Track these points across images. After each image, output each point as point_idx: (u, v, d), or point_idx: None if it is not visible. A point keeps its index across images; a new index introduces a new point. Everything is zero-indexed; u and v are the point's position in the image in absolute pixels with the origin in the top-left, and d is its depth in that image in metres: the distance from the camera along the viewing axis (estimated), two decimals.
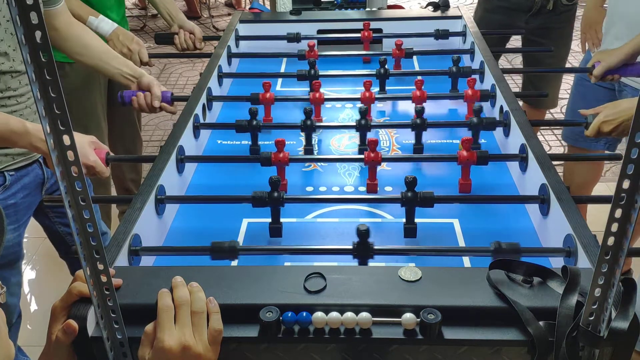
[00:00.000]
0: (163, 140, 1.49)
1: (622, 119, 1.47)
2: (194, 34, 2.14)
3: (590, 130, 1.52)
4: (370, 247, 1.05)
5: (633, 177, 0.67)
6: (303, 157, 1.48)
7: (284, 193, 1.18)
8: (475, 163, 1.31)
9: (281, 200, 1.18)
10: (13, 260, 1.52)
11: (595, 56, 1.85)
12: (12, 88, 1.40)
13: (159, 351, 0.79)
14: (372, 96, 1.60)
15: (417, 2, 5.60)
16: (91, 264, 0.74)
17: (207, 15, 5.62)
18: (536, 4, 2.33)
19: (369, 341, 0.83)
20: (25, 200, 1.51)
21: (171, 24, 2.17)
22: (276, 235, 1.20)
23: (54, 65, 0.62)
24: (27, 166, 1.50)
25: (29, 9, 0.59)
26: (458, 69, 1.74)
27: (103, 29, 1.91)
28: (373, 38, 2.04)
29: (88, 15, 1.89)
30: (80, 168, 0.67)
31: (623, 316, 0.77)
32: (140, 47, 1.95)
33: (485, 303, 0.84)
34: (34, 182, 1.53)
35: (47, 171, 1.57)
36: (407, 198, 1.17)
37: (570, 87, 3.93)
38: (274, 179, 1.18)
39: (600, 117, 1.50)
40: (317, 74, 1.75)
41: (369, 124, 1.46)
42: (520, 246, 1.04)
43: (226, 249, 1.06)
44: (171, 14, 2.16)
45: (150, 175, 1.23)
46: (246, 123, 1.48)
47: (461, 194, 1.33)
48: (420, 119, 1.46)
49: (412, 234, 1.18)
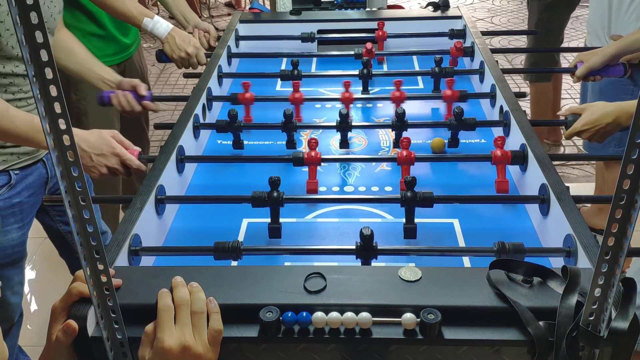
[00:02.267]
0: (163, 140, 1.49)
1: (600, 126, 1.47)
2: (209, 33, 2.13)
3: (568, 135, 1.52)
4: (375, 249, 1.05)
5: (633, 177, 0.67)
6: (336, 156, 1.48)
7: (284, 193, 1.18)
8: (510, 162, 1.31)
9: (281, 200, 1.17)
10: (17, 259, 1.53)
11: (577, 56, 1.86)
12: (24, 90, 1.41)
13: (159, 351, 0.79)
14: (352, 96, 1.61)
15: (417, 2, 5.60)
16: (91, 264, 0.74)
17: (207, 15, 5.62)
18: None
19: (369, 341, 0.83)
20: (30, 200, 1.51)
21: (185, 25, 2.16)
22: (275, 236, 1.19)
23: (54, 65, 0.62)
24: (32, 165, 1.50)
25: (29, 9, 0.59)
26: (440, 70, 1.75)
27: (158, 30, 1.89)
28: (371, 38, 2.05)
29: (143, 16, 1.85)
30: (80, 168, 0.67)
31: (623, 316, 0.77)
32: (198, 49, 1.94)
33: (485, 303, 0.84)
34: (38, 181, 1.53)
35: (50, 170, 1.57)
36: (407, 198, 1.16)
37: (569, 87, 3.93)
38: (273, 178, 1.18)
39: (577, 125, 1.49)
40: (300, 74, 1.77)
41: (350, 124, 1.47)
42: (524, 246, 1.04)
43: (228, 249, 1.06)
44: (185, 15, 2.15)
45: (150, 175, 1.23)
46: (226, 123, 1.48)
47: (499, 193, 1.31)
48: (400, 120, 1.46)
49: (412, 234, 1.18)
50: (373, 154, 1.52)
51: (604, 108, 1.48)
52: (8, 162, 1.43)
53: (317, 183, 1.34)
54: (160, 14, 5.74)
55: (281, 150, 1.52)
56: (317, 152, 1.33)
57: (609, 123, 1.46)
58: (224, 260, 1.12)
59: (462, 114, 1.45)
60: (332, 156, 1.48)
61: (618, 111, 1.47)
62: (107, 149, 1.32)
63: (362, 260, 1.07)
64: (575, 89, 3.93)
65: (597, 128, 1.47)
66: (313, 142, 1.35)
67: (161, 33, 1.90)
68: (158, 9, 5.46)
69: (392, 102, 1.61)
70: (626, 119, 1.46)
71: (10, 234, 1.47)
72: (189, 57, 1.92)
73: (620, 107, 1.48)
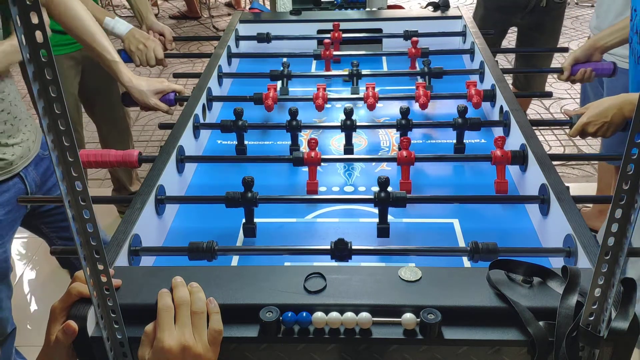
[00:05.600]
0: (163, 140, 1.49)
1: (606, 119, 1.47)
2: (164, 35, 2.16)
3: (574, 131, 1.52)
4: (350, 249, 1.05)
5: (633, 177, 0.67)
6: (336, 157, 1.47)
7: (257, 193, 1.18)
8: (510, 163, 1.31)
9: (254, 200, 1.18)
10: (1, 275, 1.51)
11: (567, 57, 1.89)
12: None
13: (159, 351, 0.78)
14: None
15: (417, 2, 5.60)
16: (91, 264, 0.74)
17: (207, 15, 5.62)
18: (531, 1, 2.46)
19: (369, 341, 0.83)
20: (7, 217, 1.49)
21: (140, 24, 2.19)
22: (250, 235, 1.20)
23: (54, 65, 0.62)
24: (7, 181, 1.47)
25: (29, 9, 0.59)
26: (429, 70, 1.75)
27: (119, 29, 1.93)
28: (372, 38, 2.05)
29: (104, 15, 1.91)
30: (80, 168, 0.67)
31: (623, 316, 0.77)
32: (156, 44, 1.96)
33: (485, 303, 0.84)
34: (15, 197, 1.49)
35: (29, 184, 1.54)
36: (380, 198, 1.16)
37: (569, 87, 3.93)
38: (247, 179, 1.18)
39: (583, 119, 1.50)
40: (290, 74, 1.77)
41: (355, 125, 1.47)
42: (497, 246, 1.04)
43: (203, 249, 1.06)
44: (142, 15, 2.18)
45: (150, 176, 1.23)
46: (231, 123, 1.48)
47: (498, 194, 1.31)
48: (405, 119, 1.46)
49: (385, 233, 1.17)
50: (373, 154, 1.52)
51: (608, 100, 1.50)
52: None
53: (317, 184, 1.34)
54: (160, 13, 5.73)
55: (283, 150, 1.52)
56: (317, 152, 1.33)
57: (614, 114, 1.46)
58: (224, 260, 1.13)
59: (466, 112, 1.46)
60: (332, 156, 1.47)
61: (622, 102, 1.47)
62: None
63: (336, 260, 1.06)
64: (576, 89, 3.93)
65: (602, 121, 1.48)
66: (313, 142, 1.35)
67: (122, 31, 1.93)
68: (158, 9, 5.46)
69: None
70: (630, 109, 1.46)
71: None
72: (146, 50, 1.93)
73: (624, 98, 1.48)
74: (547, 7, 2.58)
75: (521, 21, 2.68)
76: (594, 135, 1.51)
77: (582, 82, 1.87)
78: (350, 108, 1.47)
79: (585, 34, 5.09)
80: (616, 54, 1.99)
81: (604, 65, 1.83)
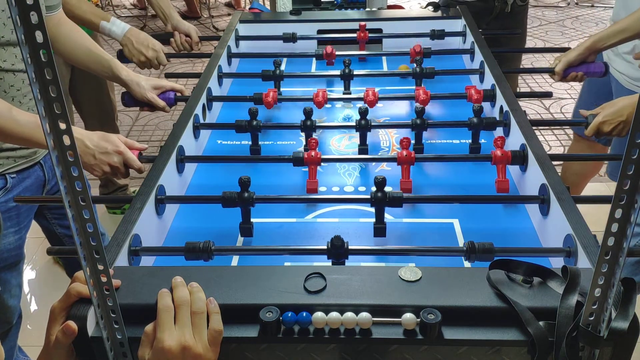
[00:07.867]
0: (163, 140, 1.49)
1: (621, 118, 1.48)
2: (190, 37, 2.12)
3: (590, 130, 1.52)
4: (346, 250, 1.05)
5: (633, 177, 0.67)
6: (336, 157, 1.47)
7: (254, 193, 1.18)
8: (510, 162, 1.31)
9: (251, 200, 1.18)
10: (14, 262, 1.52)
11: (557, 57, 1.88)
12: (16, 87, 1.40)
13: (159, 351, 0.79)
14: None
15: (417, 2, 5.61)
16: (91, 264, 0.74)
17: (207, 15, 5.62)
18: (496, 7, 2.43)
19: (369, 341, 0.83)
20: (26, 204, 1.51)
21: (165, 24, 2.16)
22: (247, 234, 1.20)
23: (54, 65, 0.62)
24: (29, 168, 1.50)
25: (29, 9, 0.59)
26: (421, 70, 1.75)
27: (115, 32, 1.88)
28: (371, 38, 2.05)
29: (99, 19, 1.86)
30: (80, 168, 0.67)
31: (623, 316, 0.77)
32: (157, 52, 1.91)
33: (485, 303, 0.84)
34: (35, 184, 1.52)
35: (48, 172, 1.56)
36: (377, 198, 1.16)
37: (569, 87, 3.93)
38: (243, 179, 1.18)
39: (599, 118, 1.50)
40: (282, 74, 1.77)
41: (370, 125, 1.46)
42: (493, 246, 1.03)
43: (199, 249, 1.06)
44: (165, 14, 2.14)
45: (150, 176, 1.23)
46: (246, 123, 1.48)
47: (499, 193, 1.31)
48: (420, 119, 1.46)
49: (382, 233, 1.18)
50: (373, 154, 1.52)
51: (624, 99, 1.51)
52: (4, 165, 1.42)
53: (317, 183, 1.34)
54: None
55: (283, 150, 1.52)
56: (317, 152, 1.33)
57: (629, 113, 1.47)
58: (224, 261, 1.13)
59: (481, 112, 1.46)
60: (332, 156, 1.47)
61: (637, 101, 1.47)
62: (112, 148, 1.30)
63: (333, 260, 1.06)
64: (576, 89, 3.93)
65: (618, 120, 1.49)
66: (313, 142, 1.35)
67: (118, 34, 1.88)
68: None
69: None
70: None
71: (7, 238, 1.46)
72: (149, 62, 1.91)
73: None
74: (511, 12, 2.55)
75: (487, 27, 2.60)
76: (610, 135, 1.51)
77: (573, 81, 1.88)
78: (364, 108, 1.47)
79: (586, 34, 5.09)
80: None
81: (596, 68, 1.83)
